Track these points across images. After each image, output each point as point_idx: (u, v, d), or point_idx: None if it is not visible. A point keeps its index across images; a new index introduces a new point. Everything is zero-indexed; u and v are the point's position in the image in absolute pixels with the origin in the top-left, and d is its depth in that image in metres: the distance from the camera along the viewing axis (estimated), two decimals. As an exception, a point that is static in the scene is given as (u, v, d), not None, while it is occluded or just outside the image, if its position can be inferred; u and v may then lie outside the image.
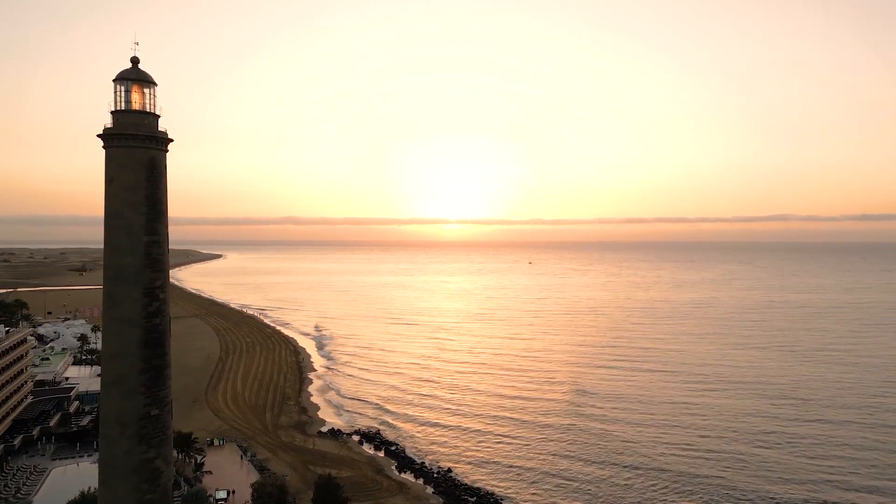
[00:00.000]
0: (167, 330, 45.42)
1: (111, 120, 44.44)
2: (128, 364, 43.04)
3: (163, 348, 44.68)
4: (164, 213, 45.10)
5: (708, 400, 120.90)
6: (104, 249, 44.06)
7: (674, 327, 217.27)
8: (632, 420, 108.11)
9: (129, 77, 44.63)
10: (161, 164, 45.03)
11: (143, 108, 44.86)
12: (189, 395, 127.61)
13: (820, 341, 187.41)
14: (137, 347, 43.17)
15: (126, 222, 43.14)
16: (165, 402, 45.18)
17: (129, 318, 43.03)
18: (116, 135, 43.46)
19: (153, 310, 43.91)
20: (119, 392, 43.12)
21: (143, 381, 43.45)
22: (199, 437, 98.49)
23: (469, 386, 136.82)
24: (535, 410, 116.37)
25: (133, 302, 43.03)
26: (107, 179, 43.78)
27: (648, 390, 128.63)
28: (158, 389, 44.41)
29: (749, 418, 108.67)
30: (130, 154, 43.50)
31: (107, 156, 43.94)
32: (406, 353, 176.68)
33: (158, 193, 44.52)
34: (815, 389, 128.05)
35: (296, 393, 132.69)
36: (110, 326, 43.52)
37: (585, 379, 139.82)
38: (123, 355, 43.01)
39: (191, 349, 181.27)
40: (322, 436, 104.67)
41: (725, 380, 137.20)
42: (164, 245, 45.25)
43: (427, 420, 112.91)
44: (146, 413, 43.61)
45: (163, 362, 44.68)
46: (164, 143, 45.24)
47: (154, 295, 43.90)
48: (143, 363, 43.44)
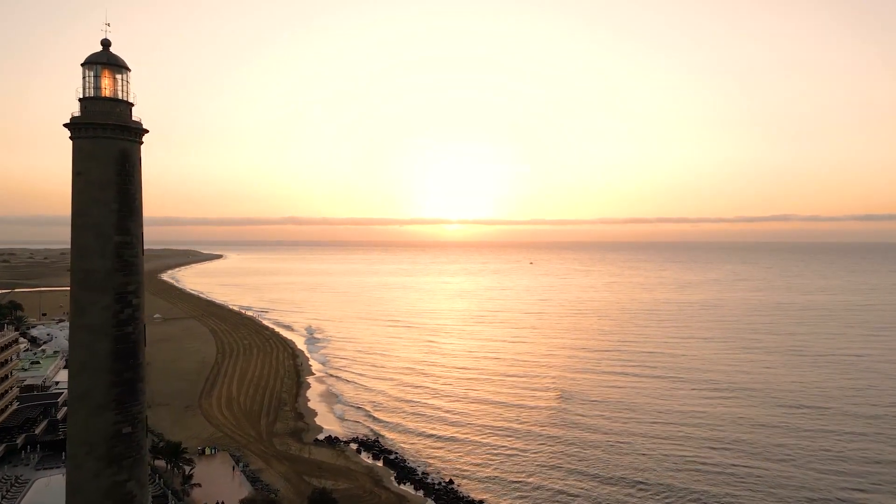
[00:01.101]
0: (141, 339, 41.37)
1: (79, 108, 40.43)
2: (96, 378, 38.98)
3: (136, 359, 40.61)
4: (137, 210, 41.00)
5: (718, 409, 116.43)
6: (71, 251, 40.02)
7: (680, 330, 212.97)
8: (640, 431, 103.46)
9: (98, 61, 40.57)
10: (134, 156, 40.92)
11: (114, 95, 40.82)
12: (182, 401, 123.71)
13: (831, 345, 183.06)
14: (107, 359, 39.12)
15: (94, 221, 39.11)
16: (139, 418, 41.10)
17: (97, 327, 38.97)
18: (84, 124, 39.45)
19: (125, 317, 39.85)
20: (86, 408, 39.07)
21: (114, 396, 39.41)
22: (189, 445, 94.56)
23: (471, 392, 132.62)
24: (540, 420, 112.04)
25: (102, 309, 38.98)
26: (73, 173, 39.76)
27: (657, 398, 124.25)
28: (131, 405, 40.35)
29: (761, 428, 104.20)
30: (99, 145, 39.44)
31: (74, 147, 39.93)
32: (407, 356, 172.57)
33: (131, 189, 40.46)
34: (830, 397, 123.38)
35: (292, 398, 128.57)
36: (77, 336, 39.46)
37: (591, 387, 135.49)
38: (91, 368, 38.95)
39: (187, 352, 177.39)
40: (318, 444, 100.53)
41: (736, 386, 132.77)
42: (138, 246, 41.19)
43: (428, 427, 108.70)
44: (117, 431, 39.56)
45: (136, 375, 40.60)
46: (138, 134, 41.15)
47: (126, 301, 39.84)
48: (114, 376, 39.39)
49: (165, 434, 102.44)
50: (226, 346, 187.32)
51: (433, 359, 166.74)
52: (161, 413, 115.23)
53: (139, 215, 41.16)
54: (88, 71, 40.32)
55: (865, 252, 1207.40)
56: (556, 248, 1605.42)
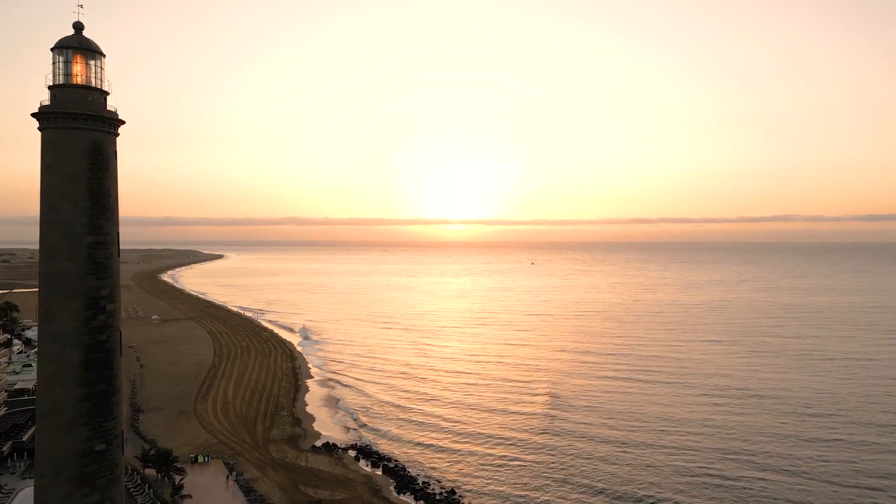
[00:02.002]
0: (116, 348, 37.98)
1: (48, 97, 37.09)
2: (65, 391, 35.60)
3: (110, 370, 37.21)
4: (111, 208, 37.59)
5: (726, 416, 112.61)
6: (39, 252, 36.66)
7: (685, 333, 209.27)
8: (646, 441, 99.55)
9: (69, 45, 37.18)
10: (108, 149, 37.52)
11: (86, 82, 37.43)
12: (177, 405, 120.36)
13: (841, 348, 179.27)
14: (77, 370, 35.73)
15: (64, 219, 35.73)
16: (114, 434, 37.70)
17: (67, 335, 35.58)
18: (53, 114, 36.06)
19: (98, 325, 36.47)
20: (55, 425, 35.68)
21: (86, 410, 36.03)
22: (182, 453, 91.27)
23: (472, 397, 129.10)
24: (544, 429, 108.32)
25: (72, 316, 35.60)
26: (42, 167, 36.41)
27: (662, 405, 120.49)
28: (105, 420, 36.95)
29: (771, 438, 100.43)
30: (70, 137, 36.08)
31: (43, 139, 36.52)
32: (407, 359, 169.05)
33: (105, 184, 37.07)
34: (842, 404, 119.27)
35: (290, 402, 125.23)
36: (45, 345, 36.06)
37: (596, 393, 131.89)
38: (60, 380, 35.56)
39: (183, 354, 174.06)
40: (316, 451, 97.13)
41: (743, 392, 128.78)
42: (113, 247, 37.76)
43: (429, 434, 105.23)
44: (89, 449, 36.17)
45: (110, 387, 37.21)
46: (113, 125, 37.74)
47: (99, 307, 36.45)
48: (86, 389, 36.00)
49: (158, 440, 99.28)
50: (223, 347, 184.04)
51: (434, 363, 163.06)
52: (155, 418, 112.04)
53: (114, 213, 37.78)
54: (59, 56, 37.02)
55: (868, 252, 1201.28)
56: (558, 249, 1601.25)
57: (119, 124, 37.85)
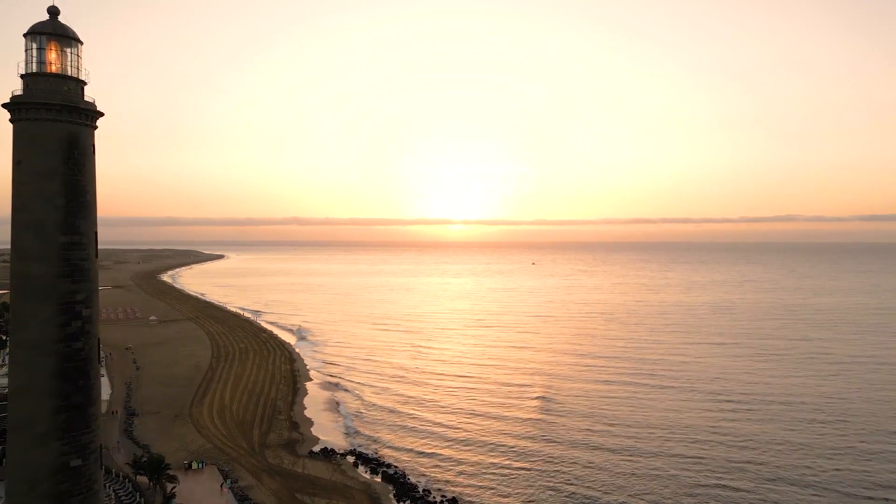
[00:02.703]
0: (93, 357, 35.40)
1: (21, 86, 34.51)
2: (38, 402, 33.05)
3: (87, 380, 34.64)
4: (88, 206, 35.01)
5: (732, 423, 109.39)
6: (10, 253, 34.09)
7: (689, 336, 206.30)
8: (650, 450, 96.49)
9: (43, 31, 34.63)
10: (85, 142, 34.94)
11: (62, 70, 34.87)
12: (173, 409, 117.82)
13: (849, 351, 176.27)
14: (50, 380, 33.18)
15: (36, 217, 33.18)
16: (90, 449, 35.11)
17: (38, 343, 33.02)
18: (25, 104, 33.50)
19: (73, 332, 33.90)
20: (26, 438, 33.14)
21: (60, 423, 33.49)
22: (175, 459, 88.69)
23: (474, 402, 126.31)
24: (549, 435, 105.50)
25: (44, 322, 33.03)
26: (13, 162, 33.84)
27: (666, 411, 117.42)
28: (81, 434, 34.39)
29: (779, 446, 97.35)
30: (43, 129, 33.52)
31: (14, 131, 33.94)
32: (408, 362, 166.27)
33: (81, 181, 34.51)
34: (851, 410, 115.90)
35: (288, 406, 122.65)
36: (15, 354, 33.52)
37: (599, 399, 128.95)
38: (31, 391, 33.02)
39: (181, 356, 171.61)
40: (313, 456, 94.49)
41: (750, 398, 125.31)
42: (90, 248, 35.17)
43: (430, 440, 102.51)
44: (63, 465, 33.61)
45: (86, 399, 34.65)
46: (90, 117, 35.15)
47: (74, 312, 33.88)
48: (59, 400, 33.45)
49: (152, 445, 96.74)
50: (221, 349, 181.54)
51: (435, 366, 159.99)
52: (149, 422, 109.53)
53: (91, 212, 35.19)
54: (32, 43, 34.48)
55: (871, 253, 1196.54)
56: (559, 249, 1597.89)
57: (97, 116, 35.27)
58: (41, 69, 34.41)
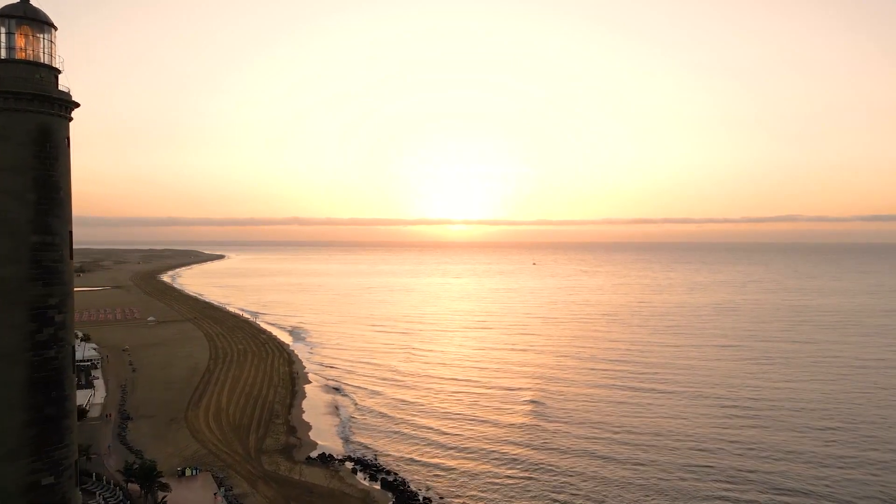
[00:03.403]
0: (67, 366, 32.83)
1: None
2: (6, 415, 30.54)
3: (60, 391, 32.09)
4: (62, 203, 32.47)
5: (741, 432, 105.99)
6: (-23, 254, 31.53)
7: (694, 338, 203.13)
8: (655, 460, 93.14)
9: (13, 14, 32.05)
10: (58, 134, 32.38)
11: (33, 57, 32.33)
12: (168, 412, 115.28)
13: (858, 354, 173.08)
14: (20, 392, 30.67)
15: (4, 216, 30.67)
16: (65, 465, 32.54)
17: (7, 352, 30.53)
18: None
19: (45, 339, 31.35)
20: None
21: (30, 438, 30.96)
22: (168, 465, 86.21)
23: (478, 407, 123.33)
24: (553, 444, 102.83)
25: (13, 329, 30.49)
26: (-20, 156, 31.33)
27: (672, 418, 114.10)
28: (54, 449, 31.84)
29: (790, 457, 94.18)
30: (12, 120, 30.97)
31: (-19, 123, 31.46)
32: (409, 365, 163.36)
33: (54, 176, 31.97)
34: (863, 419, 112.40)
35: (286, 409, 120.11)
36: (-19, 362, 31.01)
37: (604, 405, 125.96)
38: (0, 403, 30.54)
39: (178, 357, 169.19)
40: (311, 462, 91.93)
41: (758, 405, 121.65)
42: (64, 249, 32.66)
43: (431, 446, 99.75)
44: (34, 483, 31.07)
45: (60, 411, 32.09)
46: (65, 108, 32.58)
47: (46, 318, 31.33)
48: (30, 413, 30.93)
49: (145, 451, 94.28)
50: (219, 351, 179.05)
51: (437, 370, 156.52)
52: (143, 426, 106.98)
53: (65, 210, 32.69)
54: (0, 27, 31.97)
55: (873, 253, 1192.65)
56: (560, 249, 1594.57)
57: (72, 107, 32.71)
58: (10, 55, 31.91)
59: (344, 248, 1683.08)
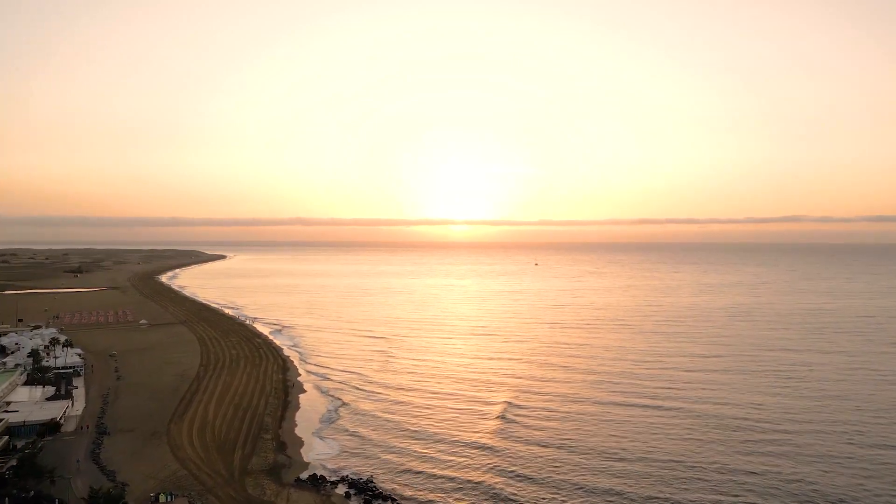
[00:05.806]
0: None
1: None
2: None
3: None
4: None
5: (761, 460, 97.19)
6: None
7: (707, 347, 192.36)
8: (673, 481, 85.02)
9: None
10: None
11: None
12: (149, 425, 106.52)
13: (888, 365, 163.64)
14: None
15: None
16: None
17: None
18: None
19: None
20: None
21: None
22: (142, 490, 77.66)
23: (480, 421, 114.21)
24: (562, 462, 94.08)
25: None
26: None
27: (683, 440, 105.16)
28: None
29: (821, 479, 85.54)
30: None
31: None
32: (409, 373, 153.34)
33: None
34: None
35: (276, 422, 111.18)
36: None
37: (616, 424, 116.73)
38: None
39: (167, 363, 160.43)
40: (300, 485, 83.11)
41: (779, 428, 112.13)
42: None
43: (431, 465, 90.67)
44: None
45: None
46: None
47: None
48: None
49: (119, 472, 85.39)
50: (211, 356, 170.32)
51: (439, 382, 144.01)
52: (121, 442, 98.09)
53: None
54: None
55: (879, 254, 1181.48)
56: (564, 250, 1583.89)
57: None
58: None
59: (346, 249, 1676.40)
